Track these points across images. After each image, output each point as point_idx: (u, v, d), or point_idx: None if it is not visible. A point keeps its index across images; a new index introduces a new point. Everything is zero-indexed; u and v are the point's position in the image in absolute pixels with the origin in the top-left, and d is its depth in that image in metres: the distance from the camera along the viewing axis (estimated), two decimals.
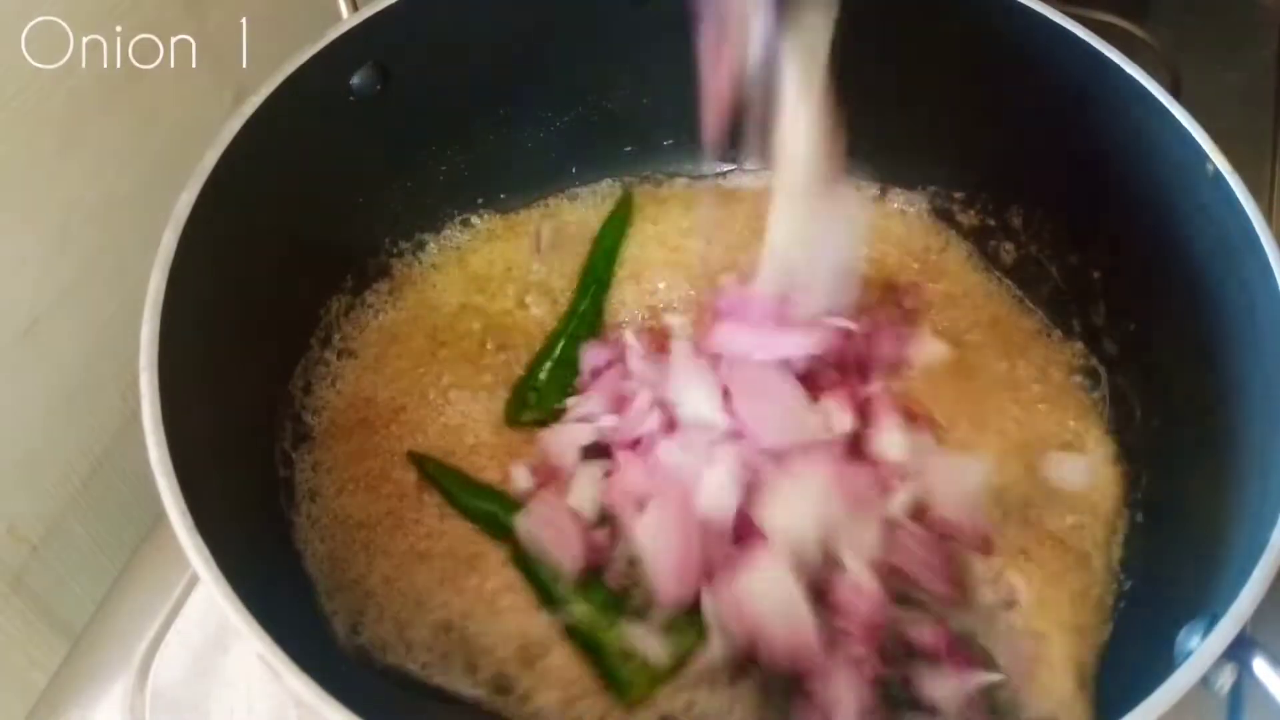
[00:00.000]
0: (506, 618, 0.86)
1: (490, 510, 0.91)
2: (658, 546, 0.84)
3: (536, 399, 0.97)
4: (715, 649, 0.82)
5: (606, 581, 0.87)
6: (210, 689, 0.88)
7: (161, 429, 0.68)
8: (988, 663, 0.84)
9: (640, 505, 0.88)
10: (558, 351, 1.00)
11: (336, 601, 0.86)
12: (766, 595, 0.81)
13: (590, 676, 0.83)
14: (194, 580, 0.92)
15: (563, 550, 0.86)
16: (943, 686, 0.81)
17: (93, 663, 0.91)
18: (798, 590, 0.82)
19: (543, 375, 0.98)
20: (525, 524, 0.88)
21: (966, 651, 0.84)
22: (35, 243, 0.88)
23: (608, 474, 0.91)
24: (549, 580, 0.86)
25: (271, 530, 0.88)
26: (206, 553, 0.65)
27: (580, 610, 0.85)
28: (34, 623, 0.95)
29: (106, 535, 1.02)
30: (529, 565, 0.88)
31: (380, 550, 0.89)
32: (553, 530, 0.87)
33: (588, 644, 0.84)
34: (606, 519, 0.89)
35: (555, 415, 0.96)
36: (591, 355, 0.99)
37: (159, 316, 0.72)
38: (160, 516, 0.85)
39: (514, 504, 0.90)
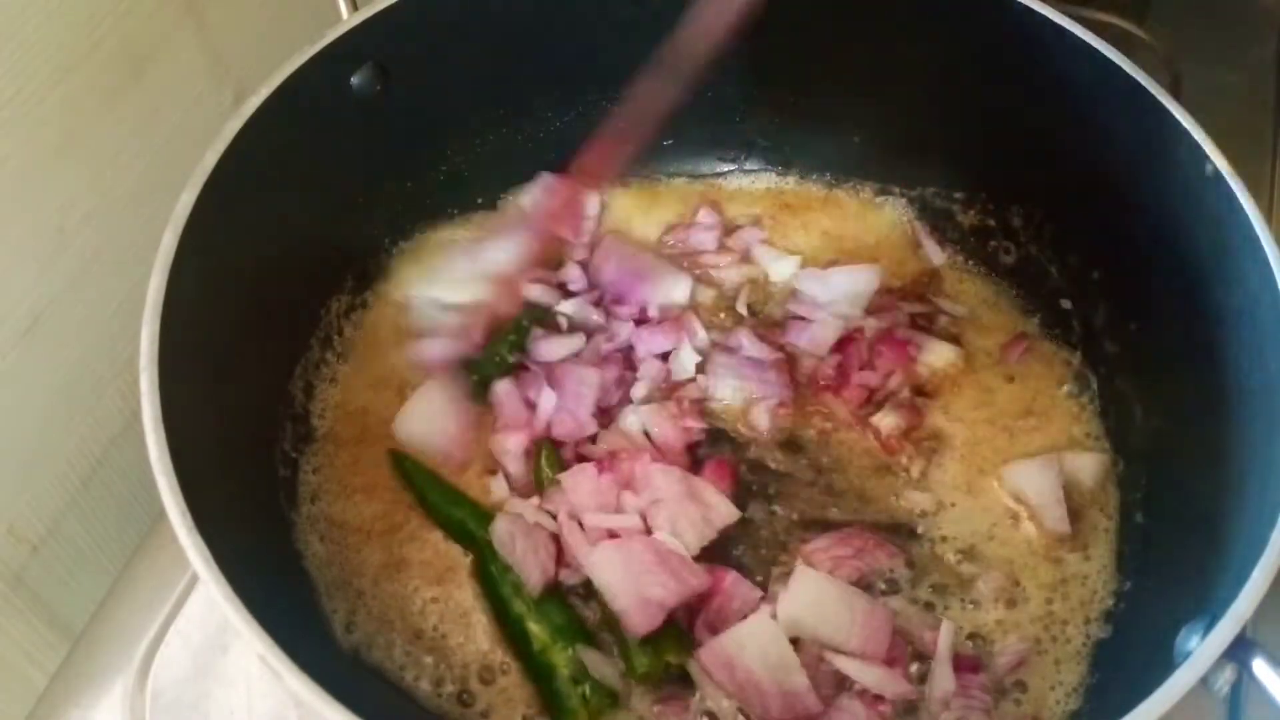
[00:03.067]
0: (474, 633, 0.86)
1: (460, 518, 0.90)
2: (617, 581, 0.82)
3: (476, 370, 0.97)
4: None
5: (566, 599, 0.86)
6: (210, 689, 0.88)
7: (161, 429, 0.68)
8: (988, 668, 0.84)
9: (586, 526, 0.87)
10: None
11: (335, 600, 0.86)
12: (757, 650, 0.81)
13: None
14: (194, 580, 0.92)
15: (531, 563, 0.85)
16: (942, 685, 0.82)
17: (93, 663, 0.90)
18: (788, 644, 0.81)
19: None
20: (498, 532, 0.87)
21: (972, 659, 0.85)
22: (35, 242, 0.88)
23: None
24: (508, 596, 0.85)
25: (271, 530, 0.88)
26: (206, 553, 0.65)
27: (535, 629, 0.84)
28: (34, 623, 0.95)
29: (106, 535, 1.02)
30: (490, 579, 0.87)
31: (371, 553, 0.89)
32: (524, 541, 0.86)
33: (539, 665, 0.83)
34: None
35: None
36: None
37: (159, 316, 0.72)
38: (160, 516, 0.86)
39: (485, 513, 0.90)
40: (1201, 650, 0.63)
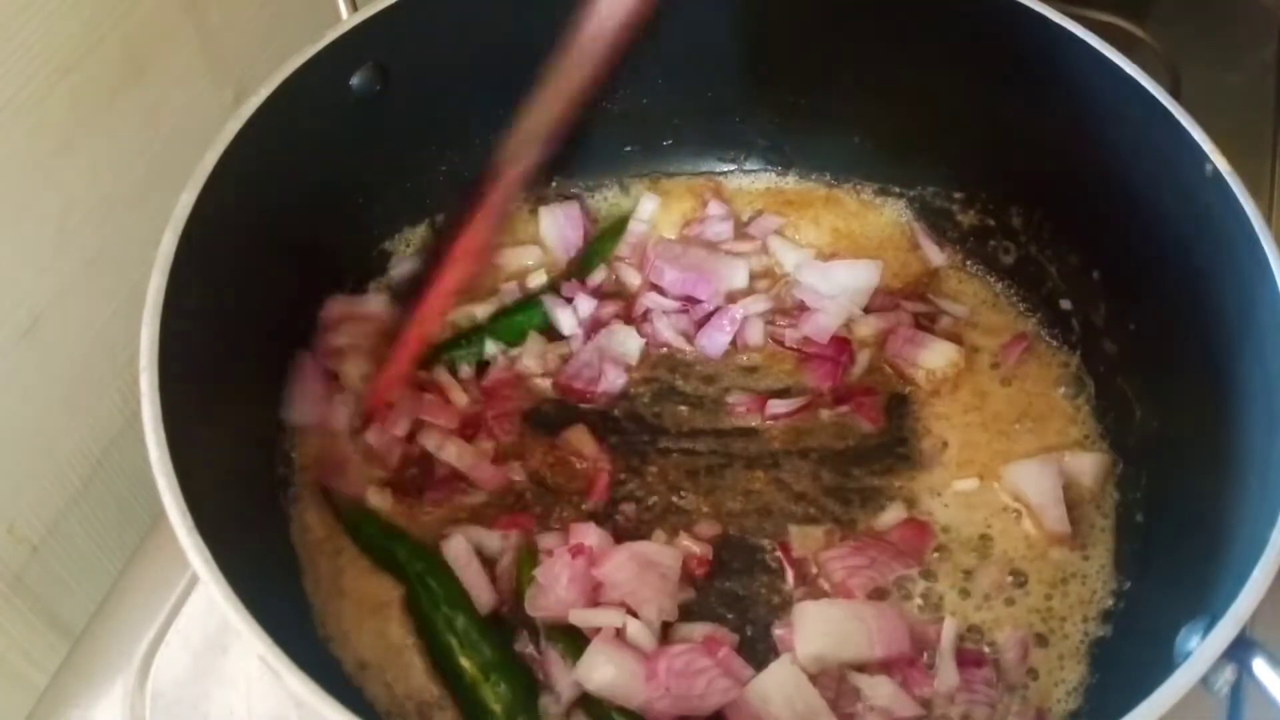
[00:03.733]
0: (410, 672, 0.83)
1: (390, 549, 0.87)
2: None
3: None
4: None
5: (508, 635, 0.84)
6: (210, 689, 0.88)
7: (161, 429, 0.68)
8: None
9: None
10: None
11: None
12: (783, 700, 0.79)
13: None
14: (194, 580, 0.92)
15: (482, 584, 0.84)
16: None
17: (93, 663, 0.90)
18: (812, 689, 0.80)
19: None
20: (452, 550, 0.86)
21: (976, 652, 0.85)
22: (35, 242, 0.88)
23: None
24: (440, 629, 0.82)
25: (271, 530, 0.88)
26: (206, 553, 0.65)
27: (466, 664, 0.81)
28: (34, 623, 0.95)
29: (106, 535, 1.02)
30: (421, 612, 0.84)
31: (326, 570, 0.88)
32: (478, 561, 0.86)
33: (470, 701, 0.80)
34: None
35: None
36: None
37: (159, 316, 0.72)
38: (160, 516, 0.86)
39: (416, 545, 0.87)
40: (1201, 650, 0.63)
